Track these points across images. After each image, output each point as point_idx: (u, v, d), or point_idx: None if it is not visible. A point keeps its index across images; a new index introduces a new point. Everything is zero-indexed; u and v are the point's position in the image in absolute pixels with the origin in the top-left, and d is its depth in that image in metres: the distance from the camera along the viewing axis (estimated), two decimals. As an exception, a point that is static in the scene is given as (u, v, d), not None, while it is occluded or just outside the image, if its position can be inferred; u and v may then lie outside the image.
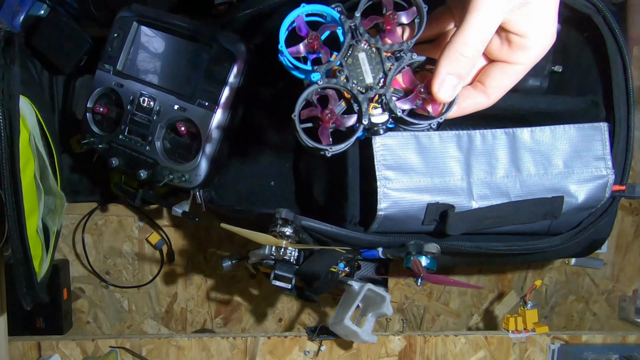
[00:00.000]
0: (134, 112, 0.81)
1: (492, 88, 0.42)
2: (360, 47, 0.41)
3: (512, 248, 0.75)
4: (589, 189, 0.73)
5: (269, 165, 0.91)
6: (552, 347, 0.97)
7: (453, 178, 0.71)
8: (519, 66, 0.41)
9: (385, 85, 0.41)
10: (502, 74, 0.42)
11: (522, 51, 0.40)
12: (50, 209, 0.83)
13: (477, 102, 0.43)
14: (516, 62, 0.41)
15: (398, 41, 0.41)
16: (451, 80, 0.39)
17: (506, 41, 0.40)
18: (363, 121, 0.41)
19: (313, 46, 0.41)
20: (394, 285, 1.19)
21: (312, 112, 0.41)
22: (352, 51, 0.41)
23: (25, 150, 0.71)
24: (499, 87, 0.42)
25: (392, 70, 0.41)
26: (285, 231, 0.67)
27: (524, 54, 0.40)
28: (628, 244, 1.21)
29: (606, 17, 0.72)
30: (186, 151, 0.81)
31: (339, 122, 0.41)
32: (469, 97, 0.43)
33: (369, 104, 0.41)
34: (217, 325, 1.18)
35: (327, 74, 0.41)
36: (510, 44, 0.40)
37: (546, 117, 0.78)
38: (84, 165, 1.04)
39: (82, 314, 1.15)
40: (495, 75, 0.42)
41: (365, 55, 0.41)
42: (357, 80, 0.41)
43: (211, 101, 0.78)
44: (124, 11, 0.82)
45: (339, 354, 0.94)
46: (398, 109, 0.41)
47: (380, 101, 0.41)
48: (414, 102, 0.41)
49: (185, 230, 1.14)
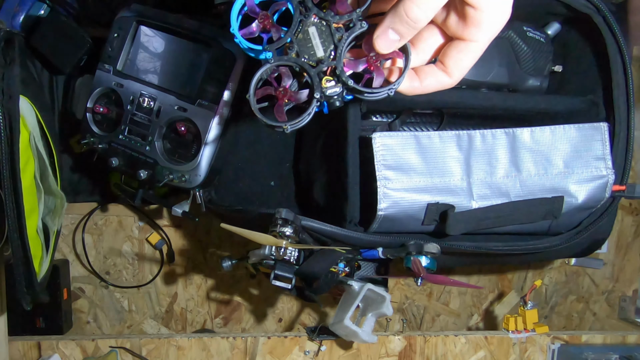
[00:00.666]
0: (134, 112, 0.81)
1: (452, 67, 0.43)
2: (310, 22, 0.41)
3: (513, 248, 0.75)
4: (589, 189, 0.73)
5: (269, 165, 0.91)
6: (552, 347, 0.97)
7: (453, 178, 0.71)
8: (474, 44, 0.42)
9: (336, 57, 0.41)
10: (459, 53, 0.42)
11: (476, 27, 0.40)
12: (50, 209, 0.83)
13: (440, 80, 0.43)
14: (471, 39, 0.41)
15: (348, 11, 0.41)
16: (392, 35, 0.40)
17: (462, 17, 0.41)
18: (315, 94, 0.41)
19: (265, 26, 0.42)
20: (394, 285, 1.19)
21: (266, 91, 0.42)
22: (302, 26, 0.41)
23: (25, 151, 0.71)
24: (458, 67, 0.43)
25: (342, 41, 0.41)
26: (285, 231, 0.67)
27: (478, 30, 0.41)
28: (628, 244, 1.21)
29: (606, 17, 0.73)
30: (186, 151, 0.81)
31: (293, 97, 0.42)
32: (431, 75, 0.43)
33: (323, 77, 0.41)
34: (217, 325, 1.18)
35: (279, 53, 0.42)
36: (465, 20, 0.41)
37: (546, 117, 0.78)
38: (84, 165, 1.04)
39: (82, 314, 1.15)
40: (452, 54, 0.42)
41: (315, 29, 0.41)
42: (308, 55, 0.42)
43: (211, 101, 0.78)
44: (124, 11, 0.82)
45: (339, 354, 0.94)
46: (349, 80, 0.41)
47: (333, 73, 0.41)
48: (362, 67, 0.42)
49: (185, 230, 1.14)
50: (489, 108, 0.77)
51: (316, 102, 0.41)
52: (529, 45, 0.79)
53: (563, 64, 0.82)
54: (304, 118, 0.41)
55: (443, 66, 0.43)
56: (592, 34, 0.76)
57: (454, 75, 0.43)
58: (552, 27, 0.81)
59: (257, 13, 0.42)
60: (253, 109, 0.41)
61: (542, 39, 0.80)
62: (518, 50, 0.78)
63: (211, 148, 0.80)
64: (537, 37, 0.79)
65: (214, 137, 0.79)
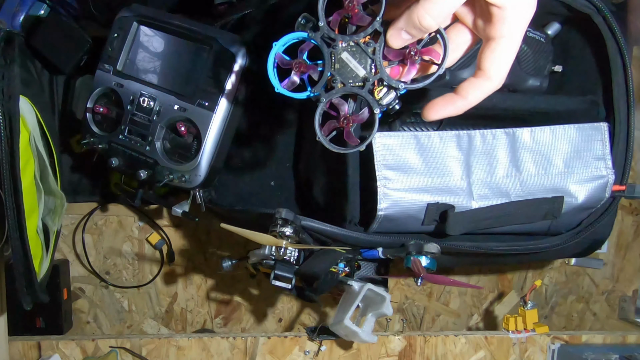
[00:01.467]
0: (134, 112, 0.81)
1: (490, 70, 0.43)
2: (340, 49, 0.42)
3: (513, 248, 0.75)
4: (589, 189, 0.73)
5: (269, 165, 0.91)
6: (552, 347, 0.97)
7: (453, 178, 0.71)
8: (505, 40, 0.42)
9: (377, 69, 0.42)
10: (492, 52, 0.42)
11: (503, 24, 0.41)
12: (50, 209, 0.83)
13: (481, 87, 0.43)
14: (501, 36, 0.41)
15: (368, 22, 0.42)
16: (405, 35, 0.41)
17: (488, 17, 0.41)
18: (375, 110, 0.42)
19: (302, 70, 0.43)
20: (394, 285, 1.19)
21: (331, 126, 0.43)
22: (334, 57, 0.42)
23: (25, 151, 0.71)
24: (496, 67, 0.43)
25: (376, 53, 0.42)
26: (285, 231, 0.67)
27: (505, 26, 0.41)
28: (628, 244, 1.21)
29: (606, 17, 0.72)
30: (186, 151, 0.81)
31: (357, 120, 0.43)
32: (472, 87, 0.43)
33: (373, 91, 0.43)
34: (217, 325, 1.18)
35: (324, 87, 0.43)
36: (492, 19, 0.41)
37: (546, 117, 0.78)
38: (84, 165, 1.04)
39: (82, 314, 1.15)
40: (487, 56, 0.42)
41: (347, 54, 0.42)
42: (352, 78, 0.42)
43: (211, 101, 0.78)
44: (124, 11, 0.82)
45: (339, 354, 0.94)
46: (400, 83, 0.42)
47: (382, 83, 0.43)
48: (405, 66, 0.43)
49: (185, 230, 1.14)
50: (489, 108, 0.77)
51: (379, 115, 0.43)
52: (529, 45, 0.79)
53: (563, 64, 0.82)
54: (374, 131, 0.43)
55: (482, 72, 0.43)
56: (592, 34, 0.76)
57: (494, 77, 0.43)
58: (552, 27, 0.81)
59: (290, 62, 0.43)
60: (329, 147, 0.43)
61: (542, 39, 0.80)
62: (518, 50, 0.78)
63: (211, 148, 0.80)
64: (537, 37, 0.79)
65: (214, 137, 0.79)
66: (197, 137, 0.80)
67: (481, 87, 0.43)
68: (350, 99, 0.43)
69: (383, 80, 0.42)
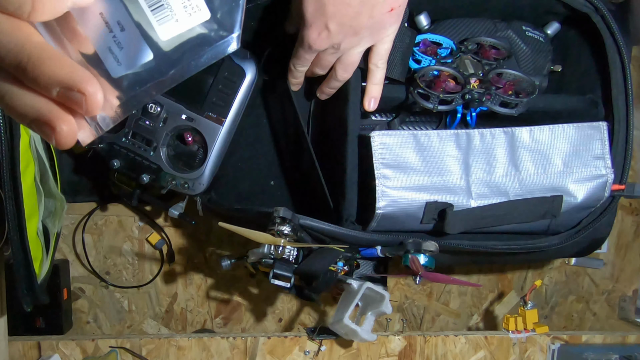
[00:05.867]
0: (140, 117, 0.81)
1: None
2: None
3: (512, 247, 0.75)
4: (588, 188, 0.73)
5: (269, 165, 0.91)
6: (552, 347, 0.97)
7: (452, 177, 0.71)
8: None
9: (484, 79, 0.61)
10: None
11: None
12: (51, 211, 0.83)
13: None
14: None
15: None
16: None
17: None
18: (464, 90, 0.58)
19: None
20: (394, 285, 1.19)
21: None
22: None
23: (25, 154, 0.71)
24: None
25: (490, 72, 0.59)
26: (284, 230, 0.67)
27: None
28: (628, 244, 1.21)
29: (604, 16, 0.73)
30: (191, 159, 0.81)
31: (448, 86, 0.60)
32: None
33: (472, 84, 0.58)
34: (217, 325, 1.18)
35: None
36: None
37: (545, 116, 0.78)
38: (84, 166, 1.04)
39: (82, 314, 1.15)
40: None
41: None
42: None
43: (220, 114, 0.78)
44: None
45: (339, 353, 0.94)
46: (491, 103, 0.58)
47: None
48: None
49: (185, 230, 1.14)
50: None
51: (461, 97, 0.58)
52: (528, 45, 0.79)
53: (562, 64, 0.82)
54: (456, 101, 0.63)
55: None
56: (592, 33, 0.76)
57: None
58: (551, 27, 0.81)
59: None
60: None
61: (541, 39, 0.80)
62: (517, 49, 0.78)
63: (216, 159, 0.80)
64: (536, 37, 0.79)
65: (219, 149, 0.80)
66: (202, 147, 0.80)
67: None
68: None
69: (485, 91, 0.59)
